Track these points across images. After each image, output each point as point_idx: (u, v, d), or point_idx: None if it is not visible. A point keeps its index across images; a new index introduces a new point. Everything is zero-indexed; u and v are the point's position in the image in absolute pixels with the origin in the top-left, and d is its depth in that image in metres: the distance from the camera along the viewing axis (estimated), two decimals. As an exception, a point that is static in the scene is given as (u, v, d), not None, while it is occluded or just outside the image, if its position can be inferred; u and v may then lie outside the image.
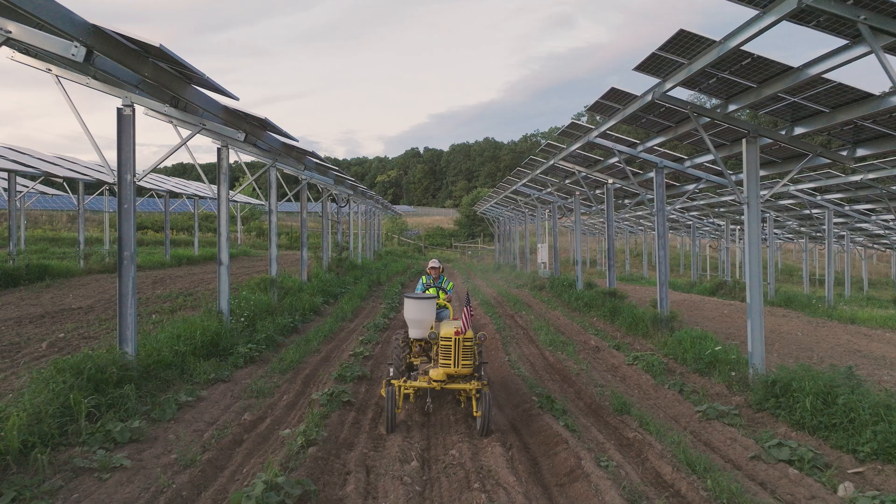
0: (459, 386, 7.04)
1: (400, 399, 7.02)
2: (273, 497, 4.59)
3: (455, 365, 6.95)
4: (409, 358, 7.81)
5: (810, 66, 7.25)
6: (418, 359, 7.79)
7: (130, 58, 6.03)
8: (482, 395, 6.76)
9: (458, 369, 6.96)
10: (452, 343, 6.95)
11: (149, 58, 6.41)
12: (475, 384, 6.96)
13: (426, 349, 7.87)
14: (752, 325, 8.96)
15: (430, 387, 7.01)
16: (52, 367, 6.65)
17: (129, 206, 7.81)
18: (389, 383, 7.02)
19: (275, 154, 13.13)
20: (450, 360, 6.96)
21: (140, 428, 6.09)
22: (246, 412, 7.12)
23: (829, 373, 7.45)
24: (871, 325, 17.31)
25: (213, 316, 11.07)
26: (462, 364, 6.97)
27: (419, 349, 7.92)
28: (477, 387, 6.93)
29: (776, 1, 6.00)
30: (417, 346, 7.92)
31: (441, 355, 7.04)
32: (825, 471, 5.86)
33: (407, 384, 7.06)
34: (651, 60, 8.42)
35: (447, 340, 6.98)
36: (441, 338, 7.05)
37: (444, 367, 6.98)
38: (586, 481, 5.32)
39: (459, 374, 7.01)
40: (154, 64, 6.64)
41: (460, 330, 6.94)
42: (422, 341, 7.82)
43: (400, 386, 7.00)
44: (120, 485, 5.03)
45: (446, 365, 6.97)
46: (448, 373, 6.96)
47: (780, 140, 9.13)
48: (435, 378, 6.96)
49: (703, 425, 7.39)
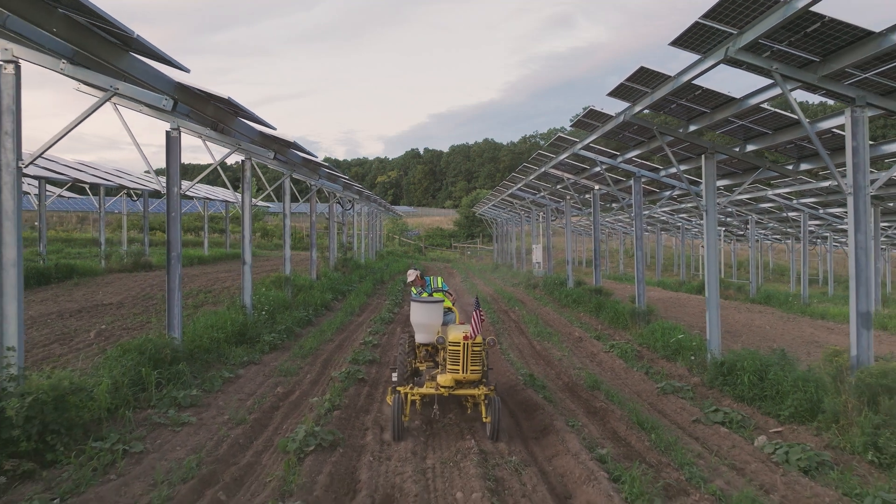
0: (468, 392, 6.86)
1: (407, 406, 6.83)
2: (312, 441, 6.01)
3: (464, 371, 6.73)
4: (414, 363, 7.68)
5: (749, 98, 8.67)
6: (424, 364, 7.67)
7: (201, 103, 7.50)
8: (491, 400, 6.68)
9: (468, 375, 6.75)
10: (461, 348, 6.72)
11: (211, 101, 7.90)
12: (483, 389, 6.82)
13: (432, 354, 7.73)
14: (710, 317, 10.36)
15: (437, 393, 6.85)
16: (119, 348, 8.06)
17: (176, 215, 9.22)
18: (395, 390, 6.93)
19: (292, 165, 14.57)
20: (458, 365, 6.74)
21: (197, 395, 7.53)
22: (278, 386, 8.54)
23: (767, 355, 8.87)
24: (838, 321, 18.70)
25: (238, 309, 12.48)
26: (471, 370, 6.75)
27: (425, 354, 7.77)
28: (485, 392, 6.80)
29: (712, 50, 7.42)
30: (423, 351, 7.77)
31: (449, 361, 6.81)
32: (749, 430, 7.28)
33: (414, 391, 6.89)
34: (621, 88, 9.84)
35: (456, 346, 6.73)
36: (450, 343, 6.79)
37: (452, 373, 6.76)
38: (556, 435, 6.73)
39: (468, 380, 6.81)
40: (216, 106, 8.13)
41: (469, 335, 6.72)
42: (428, 346, 7.65)
43: (407, 393, 6.84)
44: (190, 435, 6.45)
45: (455, 371, 6.75)
46: (457, 378, 6.77)
47: (735, 156, 10.55)
48: (443, 384, 6.77)
49: (659, 398, 8.81)
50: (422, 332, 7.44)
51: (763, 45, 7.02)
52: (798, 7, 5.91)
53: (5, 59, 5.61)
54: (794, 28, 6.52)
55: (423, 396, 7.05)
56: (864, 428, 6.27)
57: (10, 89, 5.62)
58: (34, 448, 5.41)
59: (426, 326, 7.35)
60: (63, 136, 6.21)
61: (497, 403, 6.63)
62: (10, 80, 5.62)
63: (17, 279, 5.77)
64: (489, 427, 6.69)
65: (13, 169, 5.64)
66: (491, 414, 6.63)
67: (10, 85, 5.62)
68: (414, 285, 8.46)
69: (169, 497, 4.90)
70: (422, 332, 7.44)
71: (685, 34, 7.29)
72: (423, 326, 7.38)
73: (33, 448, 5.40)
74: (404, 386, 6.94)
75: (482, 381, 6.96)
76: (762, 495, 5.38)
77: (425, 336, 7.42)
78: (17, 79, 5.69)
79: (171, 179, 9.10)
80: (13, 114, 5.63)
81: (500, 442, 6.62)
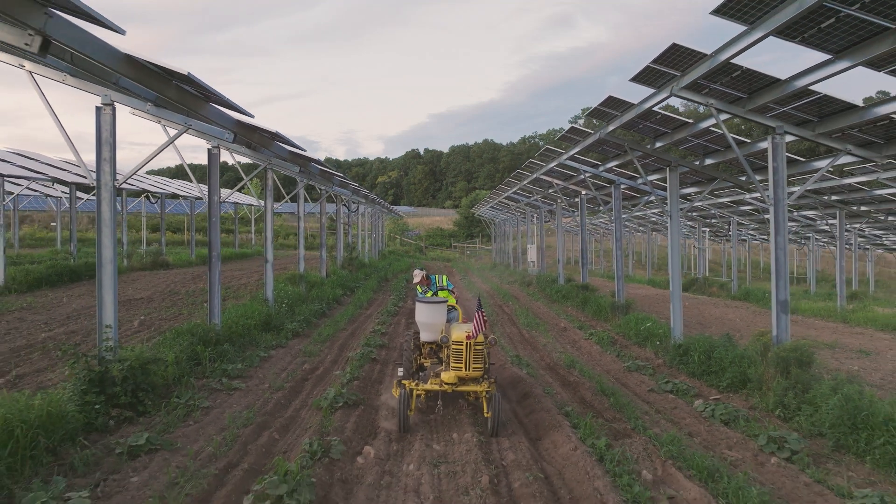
0: (470, 388, 7.20)
1: (413, 401, 7.22)
2: (340, 399, 7.68)
3: (466, 368, 7.07)
4: (419, 359, 8.10)
5: (700, 122, 10.34)
6: (428, 360, 8.05)
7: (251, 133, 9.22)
8: (492, 396, 6.99)
9: (470, 373, 7.09)
10: (464, 347, 7.05)
11: (258, 132, 9.64)
12: (485, 385, 7.17)
13: (436, 351, 8.09)
14: (674, 307, 12.03)
15: (441, 389, 7.23)
16: (174, 331, 9.75)
17: (216, 220, 10.88)
18: (401, 384, 7.34)
19: (310, 175, 16.25)
20: (461, 363, 7.07)
21: (241, 369, 9.20)
22: (304, 364, 10.20)
23: (717, 339, 10.52)
24: (805, 315, 20.35)
25: (261, 302, 14.14)
26: (473, 367, 7.10)
27: (430, 351, 8.16)
28: (487, 388, 7.15)
29: (663, 86, 9.07)
30: (428, 349, 8.15)
31: (453, 359, 7.15)
32: (691, 396, 8.94)
33: (419, 387, 7.28)
34: (595, 111, 11.51)
35: (459, 345, 7.07)
36: (453, 342, 7.14)
37: (455, 371, 7.10)
38: (534, 399, 8.38)
39: (470, 377, 7.15)
40: (261, 135, 9.86)
41: (471, 334, 7.03)
42: (433, 344, 8.01)
43: (412, 389, 7.25)
44: (241, 396, 8.11)
45: (458, 368, 7.09)
46: (459, 376, 7.11)
47: (695, 168, 12.22)
48: (447, 381, 7.13)
49: (625, 374, 10.47)
50: (426, 331, 7.83)
51: (702, 84, 8.68)
52: (721, 59, 7.56)
53: (105, 102, 7.25)
54: (723, 73, 8.18)
55: (426, 391, 7.45)
56: (776, 391, 7.93)
57: (108, 125, 7.27)
58: (129, 402, 7.05)
59: (430, 325, 7.70)
60: (147, 162, 7.86)
61: (497, 399, 6.89)
62: (108, 119, 7.27)
63: (112, 273, 7.44)
64: (490, 422, 6.97)
65: (110, 187, 7.30)
66: (491, 409, 6.91)
67: (108, 122, 7.26)
68: (420, 285, 8.97)
69: (237, 436, 6.56)
70: (426, 330, 7.82)
71: (640, 73, 8.94)
72: (427, 325, 7.75)
73: (128, 402, 7.04)
74: (410, 381, 7.36)
75: (484, 378, 7.31)
76: (687, 437, 7.05)
77: (430, 334, 7.78)
78: (113, 117, 7.33)
79: (212, 189, 10.76)
80: (110, 145, 7.28)
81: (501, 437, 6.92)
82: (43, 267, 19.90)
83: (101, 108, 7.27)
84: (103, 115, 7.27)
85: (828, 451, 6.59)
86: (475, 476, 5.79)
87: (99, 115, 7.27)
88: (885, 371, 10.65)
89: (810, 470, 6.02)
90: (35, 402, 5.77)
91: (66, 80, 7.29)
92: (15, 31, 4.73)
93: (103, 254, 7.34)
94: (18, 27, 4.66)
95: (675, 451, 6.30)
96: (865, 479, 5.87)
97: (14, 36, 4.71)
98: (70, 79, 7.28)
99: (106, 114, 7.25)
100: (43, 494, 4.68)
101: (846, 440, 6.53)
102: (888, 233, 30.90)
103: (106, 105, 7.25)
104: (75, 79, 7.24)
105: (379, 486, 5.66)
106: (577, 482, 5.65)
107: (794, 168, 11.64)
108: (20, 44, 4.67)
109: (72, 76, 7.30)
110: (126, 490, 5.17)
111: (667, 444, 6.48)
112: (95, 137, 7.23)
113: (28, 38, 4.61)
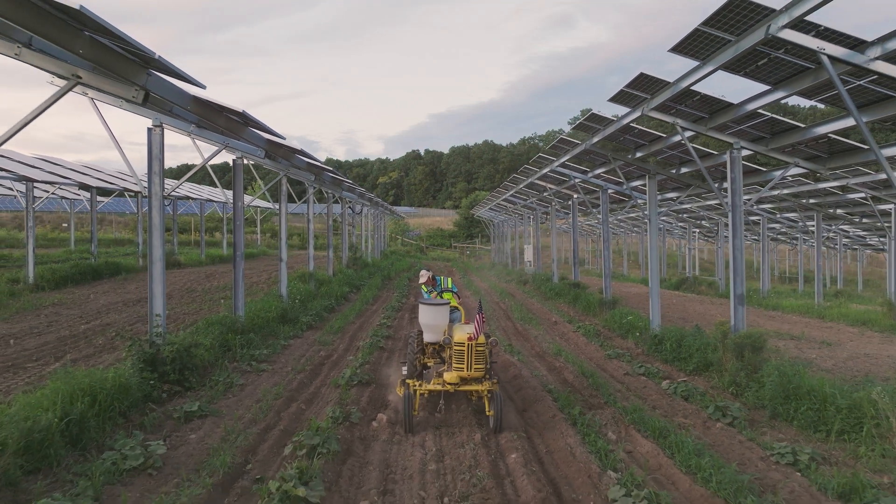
0: (472, 388, 7.41)
1: (416, 401, 7.38)
2: (355, 378, 8.95)
3: (468, 369, 7.24)
4: (423, 359, 8.33)
5: (672, 136, 11.61)
6: (432, 360, 8.29)
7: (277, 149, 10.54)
8: (494, 395, 7.20)
9: (471, 373, 7.26)
10: (466, 348, 7.22)
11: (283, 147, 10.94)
12: (487, 385, 7.34)
13: (439, 351, 8.27)
14: (653, 301, 13.31)
15: (443, 389, 7.44)
16: (205, 322, 11.02)
17: (240, 223, 12.15)
18: (405, 382, 7.62)
19: (322, 181, 17.56)
20: (463, 364, 7.23)
21: (267, 354, 10.49)
22: (320, 351, 11.47)
23: (688, 329, 11.79)
24: (785, 311, 21.61)
25: (276, 298, 15.42)
26: (475, 368, 7.25)
27: (433, 351, 8.38)
28: (488, 387, 7.33)
29: (637, 106, 10.34)
30: (431, 349, 8.37)
31: (455, 360, 7.32)
32: (660, 377, 10.21)
33: (422, 387, 7.46)
34: (580, 126, 12.80)
35: (461, 346, 7.24)
36: (455, 343, 7.30)
37: (457, 371, 7.28)
38: (522, 379, 9.64)
39: (472, 377, 7.32)
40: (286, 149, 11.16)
41: (473, 335, 7.18)
42: (436, 344, 8.21)
43: (416, 389, 7.43)
44: (269, 376, 9.38)
45: (460, 369, 7.26)
46: (461, 376, 7.29)
47: (671, 176, 13.49)
48: (449, 381, 7.32)
49: (605, 361, 11.74)
50: (429, 332, 8.03)
51: (669, 105, 9.94)
52: (682, 87, 8.83)
53: (155, 123, 8.52)
54: (686, 97, 9.45)
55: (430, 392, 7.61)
56: (731, 371, 9.20)
57: (158, 143, 8.53)
58: (177, 378, 8.32)
59: (433, 327, 7.90)
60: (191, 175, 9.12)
61: (499, 398, 7.12)
62: (157, 138, 8.54)
63: (161, 269, 8.69)
64: (492, 420, 7.16)
65: (160, 197, 8.56)
66: (494, 408, 7.11)
67: (157, 140, 8.53)
68: (425, 285, 9.19)
69: (271, 406, 7.83)
70: (429, 331, 8.02)
71: (617, 95, 10.21)
72: (430, 327, 7.96)
73: (176, 378, 8.31)
74: (413, 380, 7.61)
75: (486, 377, 7.44)
76: (650, 409, 8.32)
77: (433, 335, 8.00)
78: (162, 136, 8.60)
79: (236, 195, 12.04)
80: (159, 160, 8.55)
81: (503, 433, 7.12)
82: (67, 266, 21.21)
83: (152, 129, 8.54)
84: (153, 135, 8.53)
85: (766, 419, 7.86)
86: (470, 435, 7.07)
87: (150, 135, 8.53)
88: (838, 359, 11.90)
89: (746, 431, 7.29)
90: (109, 374, 7.03)
91: (122, 106, 8.57)
92: (125, 87, 6.00)
93: (154, 253, 8.60)
94: (128, 84, 5.93)
95: (637, 418, 7.57)
96: (791, 438, 7.14)
97: (124, 90, 6.01)
98: (126, 104, 8.56)
99: (156, 134, 8.52)
100: (130, 441, 5.95)
101: (781, 409, 7.80)
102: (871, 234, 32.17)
103: (156, 126, 8.51)
104: (131, 104, 8.51)
105: (391, 442, 6.94)
106: (553, 440, 6.92)
107: (757, 177, 12.93)
108: (128, 96, 5.96)
109: (127, 101, 8.57)
110: (188, 444, 6.45)
111: (631, 412, 7.75)
112: (147, 154, 8.50)
113: (135, 92, 5.89)
